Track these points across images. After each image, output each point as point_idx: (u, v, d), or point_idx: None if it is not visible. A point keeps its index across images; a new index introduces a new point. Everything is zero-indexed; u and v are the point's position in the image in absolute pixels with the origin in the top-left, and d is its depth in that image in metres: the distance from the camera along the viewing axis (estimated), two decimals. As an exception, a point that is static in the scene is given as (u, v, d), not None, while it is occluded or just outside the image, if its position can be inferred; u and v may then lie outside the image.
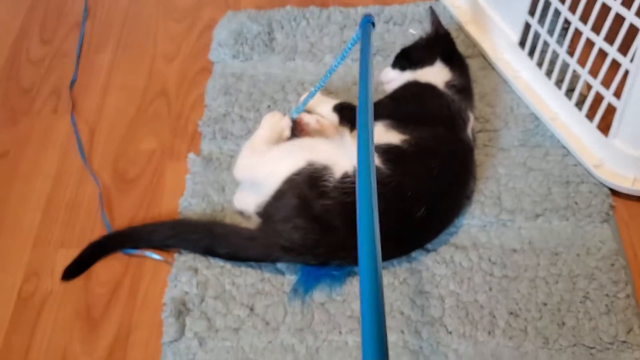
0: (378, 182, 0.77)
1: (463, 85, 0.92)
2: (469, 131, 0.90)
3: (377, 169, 0.79)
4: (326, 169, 0.80)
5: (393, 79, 0.98)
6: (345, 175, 0.79)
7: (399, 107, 0.90)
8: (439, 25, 0.99)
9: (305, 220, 0.79)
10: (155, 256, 0.90)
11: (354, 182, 0.77)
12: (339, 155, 0.82)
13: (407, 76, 0.95)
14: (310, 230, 0.79)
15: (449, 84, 0.91)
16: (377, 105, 0.92)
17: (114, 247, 0.91)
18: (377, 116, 0.87)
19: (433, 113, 0.88)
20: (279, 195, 0.80)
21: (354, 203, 0.76)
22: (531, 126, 0.99)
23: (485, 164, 0.95)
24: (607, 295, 0.81)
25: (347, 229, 0.78)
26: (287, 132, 0.95)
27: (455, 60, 0.96)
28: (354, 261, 0.84)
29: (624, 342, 0.77)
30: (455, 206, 0.87)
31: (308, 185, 0.79)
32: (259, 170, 0.85)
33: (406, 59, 0.97)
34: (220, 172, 0.98)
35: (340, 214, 0.78)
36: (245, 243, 0.84)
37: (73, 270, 0.89)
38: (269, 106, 1.05)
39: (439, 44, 0.96)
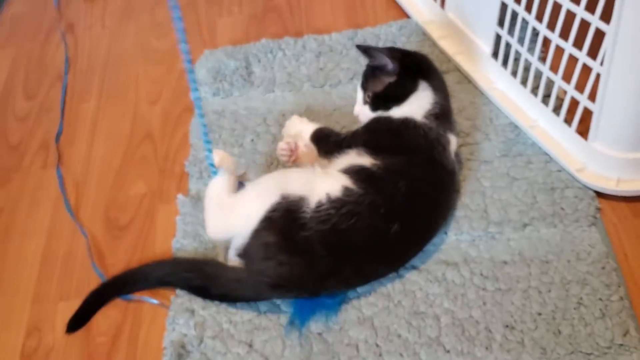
0: (353, 202, 0.80)
1: (442, 107, 0.89)
2: (451, 153, 0.89)
3: (350, 190, 0.81)
4: (302, 200, 0.80)
5: (370, 116, 0.92)
6: (320, 204, 0.80)
7: (374, 138, 0.88)
8: (394, 51, 0.91)
9: (288, 255, 0.80)
10: (153, 300, 0.91)
11: (328, 209, 0.79)
12: (312, 183, 0.82)
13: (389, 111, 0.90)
14: (295, 264, 0.80)
15: (427, 114, 0.88)
16: (355, 134, 0.91)
17: (114, 293, 0.91)
18: (351, 146, 0.88)
19: (409, 145, 0.87)
20: (257, 235, 0.80)
21: (332, 230, 0.78)
22: (511, 135, 1.00)
23: (469, 177, 0.96)
24: (600, 299, 0.81)
25: (331, 256, 0.80)
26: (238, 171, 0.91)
27: (434, 78, 0.91)
28: (345, 286, 0.85)
29: (621, 345, 0.77)
30: (432, 224, 0.87)
31: (286, 219, 0.79)
32: (234, 224, 0.84)
33: (388, 99, 0.90)
34: (209, 210, 0.99)
35: (321, 243, 0.79)
36: (233, 285, 0.84)
37: (76, 322, 0.90)
38: (252, 140, 1.07)
39: (416, 66, 0.91)
